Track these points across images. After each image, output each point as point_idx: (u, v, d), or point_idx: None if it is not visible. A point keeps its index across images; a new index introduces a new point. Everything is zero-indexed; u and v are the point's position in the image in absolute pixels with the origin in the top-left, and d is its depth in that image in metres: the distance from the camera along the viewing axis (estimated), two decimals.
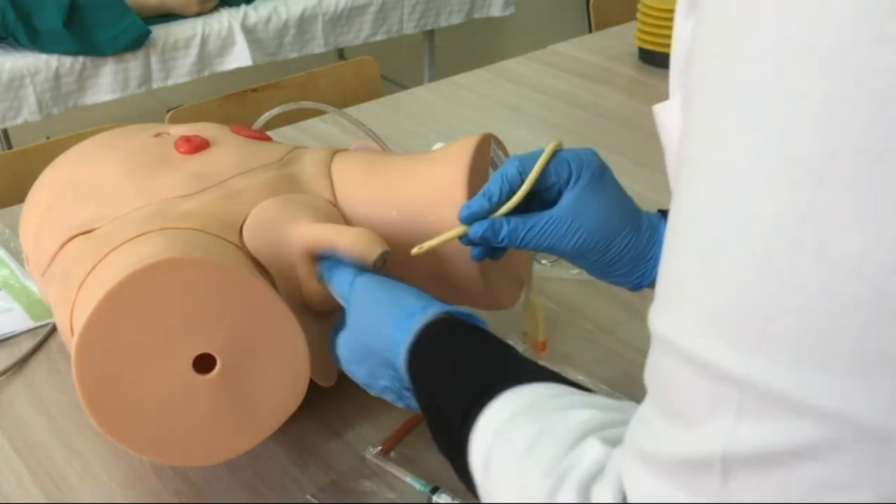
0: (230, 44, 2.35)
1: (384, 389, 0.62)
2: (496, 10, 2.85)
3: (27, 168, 1.07)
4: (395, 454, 0.73)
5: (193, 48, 2.30)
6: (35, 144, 1.34)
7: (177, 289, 0.59)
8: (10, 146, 2.31)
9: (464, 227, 0.67)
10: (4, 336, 0.88)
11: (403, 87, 1.72)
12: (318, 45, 2.51)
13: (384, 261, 0.66)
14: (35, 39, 2.08)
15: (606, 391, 0.79)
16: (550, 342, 0.85)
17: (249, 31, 2.36)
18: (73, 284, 0.65)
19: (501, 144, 0.79)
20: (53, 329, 0.89)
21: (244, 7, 2.38)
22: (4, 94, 2.06)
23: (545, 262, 0.99)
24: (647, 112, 0.50)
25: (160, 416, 0.60)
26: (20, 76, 2.07)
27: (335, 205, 0.75)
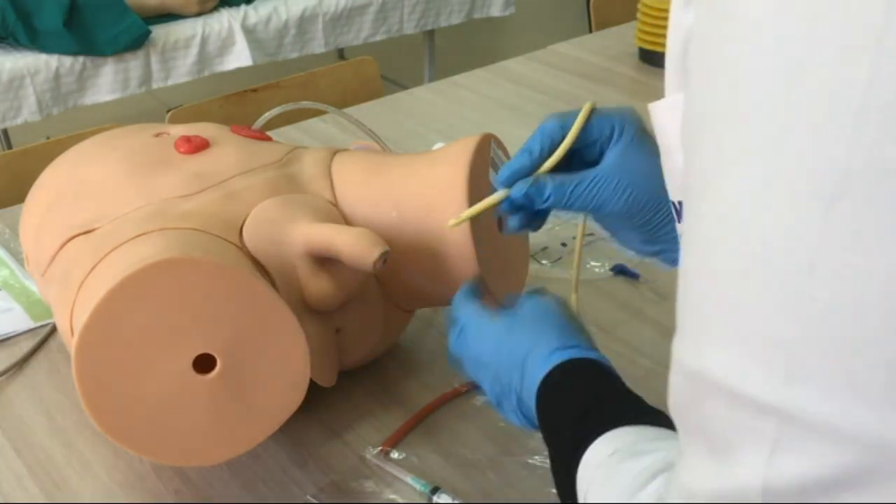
0: (230, 44, 2.35)
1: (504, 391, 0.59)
2: (496, 10, 2.85)
3: (27, 168, 1.07)
4: (396, 454, 0.73)
5: (193, 48, 2.30)
6: (35, 144, 1.33)
7: (177, 289, 0.59)
8: (10, 146, 2.31)
9: (504, 192, 0.62)
10: (4, 336, 0.88)
11: (403, 87, 1.72)
12: (318, 45, 2.51)
13: (384, 261, 0.66)
14: (35, 39, 2.08)
15: None
16: None
17: (249, 31, 2.36)
18: (73, 284, 0.65)
19: (501, 144, 0.79)
20: (53, 329, 0.89)
21: (244, 7, 2.38)
22: (4, 94, 2.06)
23: (545, 263, 0.99)
24: (647, 112, 0.50)
25: (160, 416, 0.60)
26: (20, 76, 2.07)
27: (335, 205, 0.75)
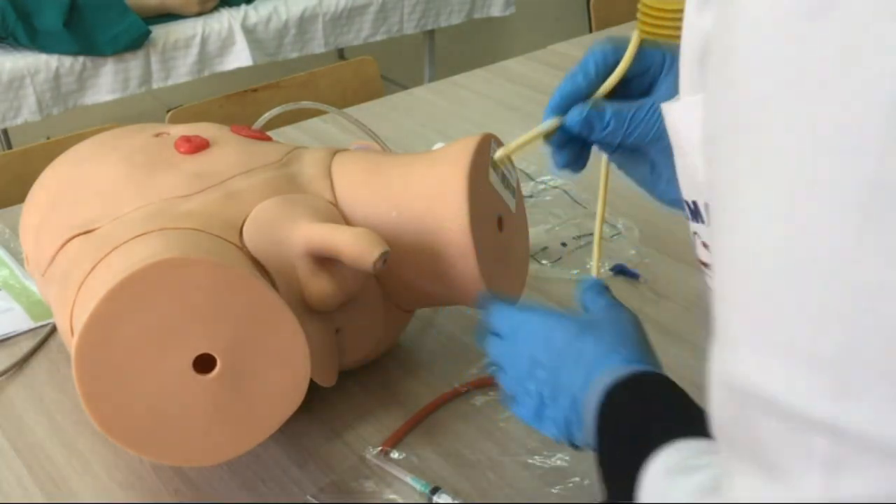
0: (230, 44, 2.35)
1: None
2: (496, 10, 2.85)
3: (27, 168, 1.07)
4: (396, 454, 0.73)
5: (193, 48, 2.30)
6: (35, 144, 1.34)
7: (177, 289, 0.59)
8: (10, 146, 2.31)
9: (555, 120, 0.58)
10: (4, 336, 0.88)
11: (403, 87, 1.72)
12: (319, 45, 2.51)
13: (384, 261, 0.66)
14: (35, 39, 2.07)
15: None
16: None
17: (249, 31, 2.36)
18: (73, 284, 0.65)
19: (501, 144, 0.79)
20: (53, 329, 0.89)
21: (244, 7, 2.38)
22: (4, 94, 2.06)
23: (545, 262, 0.99)
24: None
25: (160, 416, 0.60)
26: (20, 76, 2.06)
27: (335, 205, 0.75)
